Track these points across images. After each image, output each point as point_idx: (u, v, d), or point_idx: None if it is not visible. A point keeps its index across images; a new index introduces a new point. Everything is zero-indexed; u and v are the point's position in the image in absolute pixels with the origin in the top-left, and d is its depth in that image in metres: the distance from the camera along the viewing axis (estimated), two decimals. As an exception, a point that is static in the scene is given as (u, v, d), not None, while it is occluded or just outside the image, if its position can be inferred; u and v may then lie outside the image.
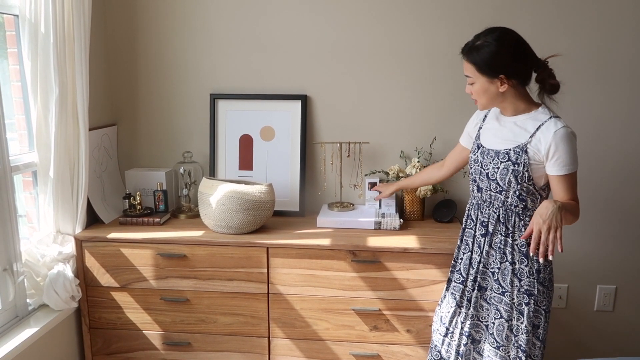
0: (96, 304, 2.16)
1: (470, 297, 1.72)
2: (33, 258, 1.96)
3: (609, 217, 2.36)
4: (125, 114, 2.50)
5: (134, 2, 2.39)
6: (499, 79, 1.57)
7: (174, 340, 2.17)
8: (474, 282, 1.71)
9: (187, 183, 2.37)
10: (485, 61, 1.56)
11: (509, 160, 1.60)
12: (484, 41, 1.57)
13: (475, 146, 1.73)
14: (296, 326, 2.10)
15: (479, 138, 1.74)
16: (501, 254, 1.65)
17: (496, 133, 1.68)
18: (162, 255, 2.08)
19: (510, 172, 1.59)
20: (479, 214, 1.71)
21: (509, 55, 1.56)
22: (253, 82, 2.41)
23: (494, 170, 1.63)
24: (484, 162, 1.67)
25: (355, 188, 2.42)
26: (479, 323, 1.72)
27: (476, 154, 1.72)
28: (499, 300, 1.66)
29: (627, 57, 2.22)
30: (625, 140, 2.29)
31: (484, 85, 1.60)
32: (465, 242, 1.76)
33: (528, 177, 1.58)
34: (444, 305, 1.80)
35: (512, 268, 1.63)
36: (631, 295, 2.42)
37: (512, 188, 1.61)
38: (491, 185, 1.65)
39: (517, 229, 1.63)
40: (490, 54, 1.55)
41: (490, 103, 1.65)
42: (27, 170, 2.01)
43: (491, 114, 1.75)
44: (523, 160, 1.57)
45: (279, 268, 2.05)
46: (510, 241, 1.64)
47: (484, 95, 1.62)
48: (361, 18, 2.30)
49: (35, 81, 1.91)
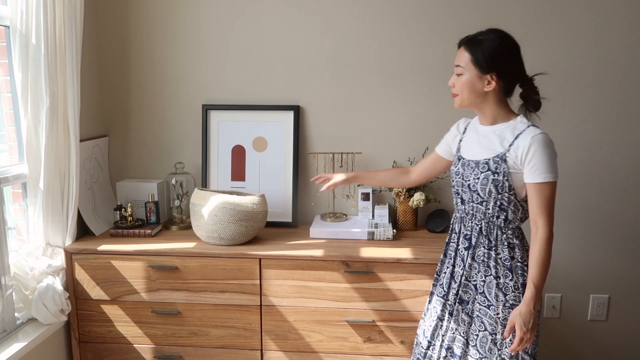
0: (86, 318, 2.13)
1: (452, 311, 1.69)
2: (22, 271, 1.94)
3: (602, 227, 2.37)
4: (117, 125, 2.49)
5: (125, 13, 2.39)
6: (489, 75, 1.57)
7: (166, 353, 2.14)
8: (456, 296, 1.69)
9: (179, 194, 2.36)
10: (483, 53, 1.56)
11: (488, 170, 1.59)
12: (486, 36, 1.58)
13: (456, 158, 1.73)
14: (289, 338, 2.08)
15: (459, 150, 1.73)
16: (485, 267, 1.64)
17: (476, 144, 1.67)
18: (153, 267, 2.06)
19: (491, 181, 1.58)
20: (462, 227, 1.70)
21: (506, 55, 1.57)
22: (245, 92, 2.41)
23: (475, 180, 1.62)
24: (465, 173, 1.66)
25: (348, 198, 2.42)
26: (460, 338, 1.69)
27: (457, 166, 1.71)
28: (484, 313, 1.64)
29: (618, 66, 2.24)
30: (619, 151, 2.30)
31: (473, 79, 1.58)
32: (449, 256, 1.74)
33: (509, 187, 1.57)
34: (426, 319, 1.78)
35: (497, 282, 1.62)
36: (624, 305, 2.42)
37: (492, 198, 1.60)
38: (473, 196, 1.64)
39: (500, 242, 1.62)
40: (490, 48, 1.56)
41: (469, 101, 1.62)
42: (17, 182, 1.99)
43: (470, 126, 1.75)
44: (503, 169, 1.57)
45: (272, 279, 2.04)
46: (493, 254, 1.63)
47: (468, 89, 1.60)
48: (354, 29, 2.32)
49: (26, 92, 1.90)
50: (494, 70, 1.56)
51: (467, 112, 1.78)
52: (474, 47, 1.57)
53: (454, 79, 1.63)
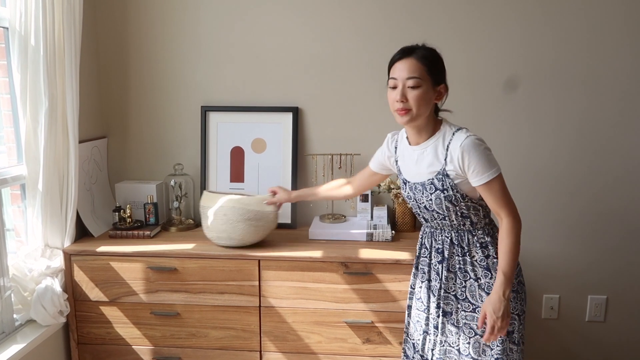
0: (85, 319, 2.13)
1: (437, 324, 1.68)
2: (20, 272, 1.94)
3: (599, 228, 2.38)
4: (116, 127, 2.49)
5: (124, 14, 2.39)
6: (442, 86, 1.57)
7: (164, 355, 2.14)
8: (438, 309, 1.68)
9: (177, 196, 2.36)
10: (435, 62, 1.55)
11: (436, 190, 1.58)
12: (425, 47, 1.56)
13: (402, 182, 1.71)
14: (288, 340, 2.08)
15: (401, 173, 1.71)
16: (463, 273, 1.64)
17: (413, 165, 1.65)
18: (152, 268, 2.06)
19: (443, 199, 1.58)
20: (433, 241, 1.70)
21: (444, 67, 1.58)
22: (244, 94, 2.41)
23: (428, 202, 1.62)
24: (416, 197, 1.65)
25: (347, 200, 2.42)
26: (451, 349, 1.68)
27: (406, 190, 1.69)
28: (471, 318, 1.64)
29: (616, 65, 2.25)
30: (616, 150, 2.31)
31: (428, 92, 1.53)
32: (422, 271, 1.73)
33: (462, 196, 1.57)
34: (412, 333, 1.77)
35: (478, 284, 1.63)
36: (622, 306, 2.43)
37: (452, 212, 1.60)
38: (433, 214, 1.64)
39: (473, 245, 1.63)
40: (437, 56, 1.56)
41: (421, 116, 1.55)
42: (16, 183, 1.99)
43: (400, 148, 1.72)
44: (449, 184, 1.56)
45: (271, 281, 2.04)
46: (468, 259, 1.63)
47: (424, 102, 1.52)
48: (352, 31, 2.32)
49: (25, 93, 1.90)
50: (443, 81, 1.57)
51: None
52: (425, 58, 1.53)
53: (404, 92, 1.52)
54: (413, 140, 1.65)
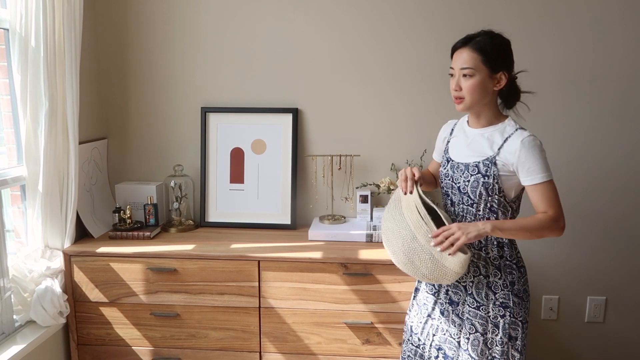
0: (85, 320, 2.13)
1: (443, 310, 1.69)
2: (20, 273, 1.94)
3: (598, 228, 2.38)
4: (116, 128, 2.49)
5: (124, 15, 2.39)
6: (500, 74, 1.56)
7: (164, 356, 2.14)
8: (446, 295, 1.68)
9: (177, 196, 2.36)
10: (492, 52, 1.54)
11: (478, 173, 1.59)
12: (485, 36, 1.56)
13: (445, 160, 1.71)
14: (288, 340, 2.08)
15: (447, 152, 1.72)
16: (474, 267, 1.64)
17: (464, 146, 1.66)
18: (152, 269, 2.06)
19: (481, 184, 1.58)
20: None
21: (508, 52, 1.57)
22: (244, 95, 2.42)
23: (465, 183, 1.62)
24: (455, 175, 1.65)
25: (347, 201, 2.42)
26: (452, 340, 1.68)
27: (446, 167, 1.69)
28: (474, 315, 1.64)
29: (617, 65, 2.26)
30: (613, 152, 2.32)
31: (485, 80, 1.54)
32: None
33: (499, 189, 1.57)
34: (413, 315, 1.77)
35: (487, 281, 1.62)
36: (621, 306, 2.43)
37: (482, 200, 1.59)
38: (463, 198, 1.64)
39: (490, 242, 1.62)
40: (496, 46, 1.55)
41: (476, 104, 1.57)
42: (16, 184, 1.99)
43: (458, 127, 1.74)
44: (493, 173, 1.56)
45: (271, 281, 2.04)
46: (482, 255, 1.63)
47: (479, 91, 1.54)
48: (352, 32, 2.33)
49: (25, 95, 1.90)
50: (504, 68, 1.56)
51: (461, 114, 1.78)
52: (481, 47, 1.54)
53: (458, 82, 1.56)
54: (472, 123, 1.67)
